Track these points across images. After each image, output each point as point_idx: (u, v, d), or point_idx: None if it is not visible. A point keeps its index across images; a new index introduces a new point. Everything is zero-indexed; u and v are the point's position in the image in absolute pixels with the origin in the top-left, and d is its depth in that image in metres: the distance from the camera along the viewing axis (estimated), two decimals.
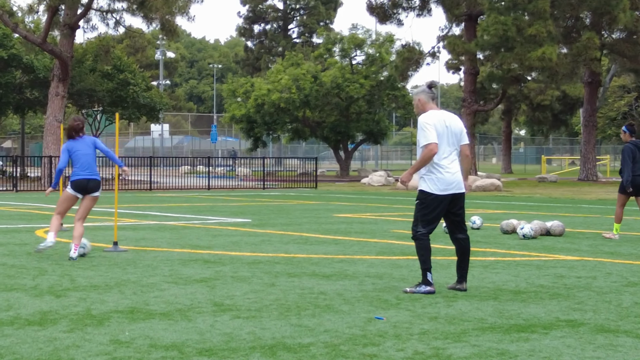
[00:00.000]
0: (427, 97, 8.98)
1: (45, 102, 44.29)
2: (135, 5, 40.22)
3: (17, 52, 45.56)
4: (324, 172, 60.94)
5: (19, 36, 41.99)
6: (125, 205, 24.84)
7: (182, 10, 39.65)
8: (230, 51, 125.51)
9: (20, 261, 11.15)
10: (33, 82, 47.71)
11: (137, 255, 11.88)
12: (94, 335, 6.64)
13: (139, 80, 49.45)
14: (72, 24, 39.87)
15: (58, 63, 39.72)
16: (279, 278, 9.79)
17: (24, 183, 39.36)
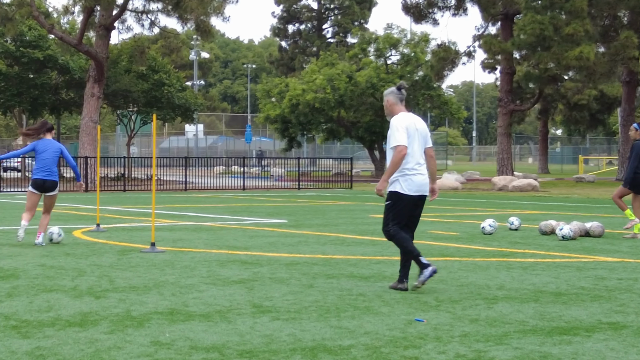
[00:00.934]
0: (396, 98, 9.14)
1: (80, 102, 44.58)
2: (171, 6, 40.39)
3: (52, 53, 45.91)
4: (359, 172, 60.86)
5: (55, 37, 42.30)
6: (161, 205, 24.92)
7: (217, 10, 39.76)
8: (264, 51, 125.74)
9: (59, 262, 11.20)
10: (69, 83, 48.05)
11: (175, 256, 11.90)
12: (134, 336, 6.64)
13: (173, 81, 49.67)
14: (108, 24, 40.10)
15: (93, 64, 39.96)
16: (317, 279, 9.75)
17: (60, 183, 39.50)
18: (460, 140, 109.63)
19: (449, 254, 12.39)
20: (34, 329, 6.87)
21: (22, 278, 9.67)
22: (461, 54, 46.44)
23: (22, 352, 6.09)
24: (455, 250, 12.94)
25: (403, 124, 8.91)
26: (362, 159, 79.02)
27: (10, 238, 14.50)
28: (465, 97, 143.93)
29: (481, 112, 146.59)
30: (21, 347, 6.21)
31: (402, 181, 8.95)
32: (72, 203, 26.74)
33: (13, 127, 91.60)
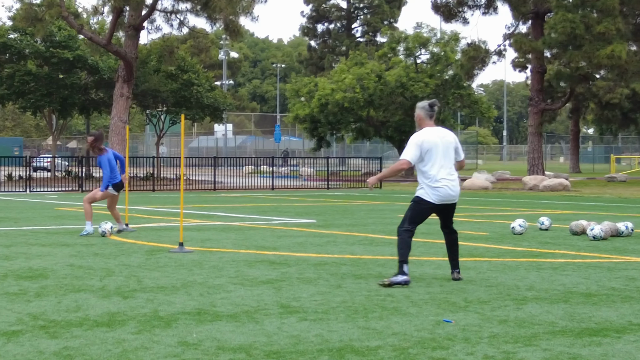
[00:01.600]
0: (426, 114, 9.73)
1: (109, 102, 44.79)
2: (199, 5, 40.48)
3: (82, 53, 46.16)
4: None
5: (84, 37, 42.51)
6: (190, 205, 24.98)
7: (245, 10, 39.80)
8: (293, 51, 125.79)
9: (88, 262, 11.23)
10: (98, 83, 48.29)
11: (203, 256, 11.90)
12: (161, 337, 6.64)
13: (202, 81, 49.78)
14: (137, 25, 40.26)
15: (123, 64, 40.13)
16: (345, 280, 9.72)
17: (90, 183, 39.82)
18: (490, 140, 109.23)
19: (478, 254, 12.32)
20: (61, 329, 6.89)
21: (51, 278, 9.70)
22: (491, 53, 46.21)
23: (50, 352, 6.11)
24: (484, 251, 12.87)
25: (419, 140, 9.47)
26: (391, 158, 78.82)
27: (39, 238, 14.57)
28: (495, 96, 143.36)
29: (512, 111, 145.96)
30: (49, 347, 6.23)
31: (429, 190, 9.52)
32: (101, 203, 26.81)
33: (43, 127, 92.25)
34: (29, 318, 7.31)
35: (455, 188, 9.55)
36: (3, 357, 5.94)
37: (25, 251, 12.42)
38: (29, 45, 46.18)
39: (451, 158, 9.59)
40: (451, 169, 9.56)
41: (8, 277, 9.71)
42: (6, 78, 47.22)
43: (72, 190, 36.68)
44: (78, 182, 37.98)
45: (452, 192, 9.50)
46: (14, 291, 8.74)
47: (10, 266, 10.71)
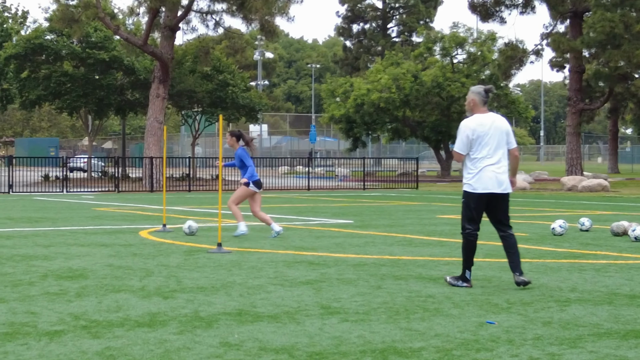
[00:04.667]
0: (480, 100, 9.34)
1: (145, 103, 44.99)
2: (235, 6, 40.52)
3: (118, 54, 46.40)
4: (424, 172, 60.56)
5: (120, 38, 42.71)
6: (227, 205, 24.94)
7: (281, 10, 39.79)
8: (328, 51, 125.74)
9: (127, 262, 11.24)
10: (134, 84, 48.52)
11: (241, 257, 11.88)
12: (203, 337, 6.61)
13: (238, 81, 49.86)
14: (173, 25, 40.37)
15: (159, 65, 40.25)
16: (385, 281, 9.66)
17: (126, 184, 40.01)
18: (527, 140, 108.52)
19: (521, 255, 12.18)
20: (103, 329, 6.88)
21: (91, 278, 9.72)
22: (529, 53, 45.86)
23: (92, 352, 6.10)
24: (525, 252, 12.72)
25: (468, 127, 9.21)
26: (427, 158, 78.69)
27: (78, 238, 14.63)
28: (532, 96, 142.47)
29: (549, 111, 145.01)
30: (92, 347, 6.22)
31: (473, 180, 9.22)
32: (137, 203, 26.98)
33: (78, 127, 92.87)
34: (70, 318, 7.31)
35: (502, 177, 9.19)
36: (46, 357, 5.94)
37: (64, 251, 12.46)
38: (65, 46, 46.49)
39: (501, 145, 9.25)
40: (501, 157, 9.22)
41: (48, 277, 9.74)
42: (43, 79, 47.58)
43: (109, 190, 36.87)
44: (114, 182, 38.17)
45: (497, 180, 9.16)
46: (54, 291, 8.75)
47: (50, 266, 10.75)
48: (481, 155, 9.16)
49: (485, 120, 9.24)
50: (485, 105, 9.36)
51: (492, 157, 9.17)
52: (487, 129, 9.19)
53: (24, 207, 24.59)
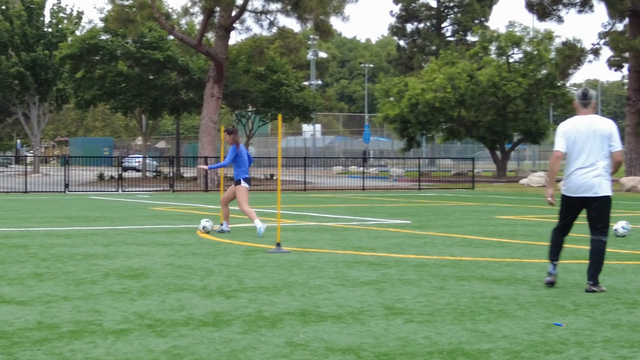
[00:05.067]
0: (579, 103, 9.33)
1: (199, 103, 45.18)
2: (290, 6, 40.50)
3: (172, 54, 46.66)
4: (480, 173, 60.12)
5: (175, 38, 42.93)
6: (282, 205, 24.99)
7: (336, 10, 39.68)
8: (381, 50, 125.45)
9: (187, 261, 11.25)
10: (188, 84, 48.78)
11: (301, 257, 11.84)
12: (268, 337, 6.58)
13: (292, 81, 49.91)
14: (227, 25, 40.48)
15: (213, 64, 40.39)
16: (447, 281, 9.55)
17: (180, 183, 40.23)
18: None
19: (581, 257, 11.99)
20: (168, 327, 6.87)
21: (152, 277, 9.73)
22: (587, 52, 45.24)
23: (159, 350, 6.09)
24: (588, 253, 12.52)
25: (562, 129, 9.21)
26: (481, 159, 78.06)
27: (136, 237, 14.70)
28: None
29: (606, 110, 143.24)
30: (158, 346, 6.22)
31: (563, 182, 9.24)
32: (193, 203, 27.09)
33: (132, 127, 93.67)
34: (135, 317, 7.32)
35: (590, 180, 8.95)
36: (114, 355, 5.94)
37: (124, 250, 12.52)
38: (120, 46, 46.88)
39: (598, 148, 8.99)
40: (596, 160, 8.97)
41: (110, 276, 9.77)
42: (98, 79, 48.04)
43: (164, 190, 37.10)
44: (169, 182, 38.40)
45: (586, 184, 8.97)
46: (117, 290, 8.78)
47: (110, 265, 10.80)
48: (572, 157, 9.09)
49: (581, 122, 9.11)
50: (587, 107, 9.23)
51: (585, 160, 9.01)
52: (581, 132, 9.05)
53: (80, 206, 24.82)
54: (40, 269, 10.31)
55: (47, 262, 11.05)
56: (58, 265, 10.75)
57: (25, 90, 60.11)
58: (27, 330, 6.74)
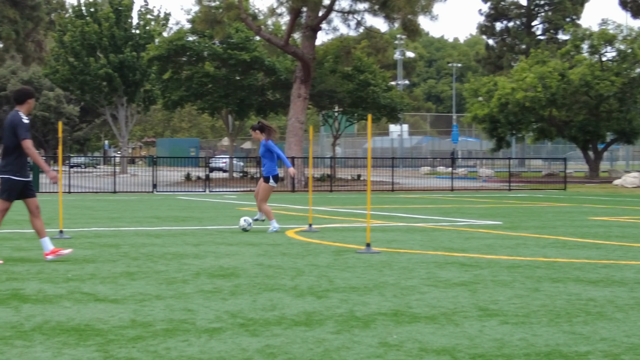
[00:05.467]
0: None
1: (286, 103, 45.36)
2: (377, 5, 40.37)
3: (259, 54, 46.91)
4: (571, 173, 59.11)
5: (262, 39, 43.15)
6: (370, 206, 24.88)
7: (425, 9, 39.42)
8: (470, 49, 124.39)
9: (276, 261, 11.25)
10: (274, 84, 49.01)
11: (391, 257, 11.74)
12: (361, 337, 6.51)
13: (379, 81, 49.75)
14: (314, 25, 40.54)
15: (300, 65, 40.48)
16: (542, 283, 9.36)
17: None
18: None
19: None
20: (260, 327, 6.85)
21: (243, 277, 9.74)
22: None
23: (252, 349, 6.07)
24: None
25: None
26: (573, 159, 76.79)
27: (225, 237, 14.78)
28: None
29: None
30: (251, 345, 6.20)
31: None
32: (280, 203, 27.18)
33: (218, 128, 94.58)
34: (227, 316, 7.32)
35: None
36: (207, 354, 5.94)
37: (213, 250, 12.58)
38: (207, 47, 47.33)
39: None
40: None
41: (201, 276, 9.81)
42: (185, 80, 48.61)
43: (250, 190, 37.29)
44: (256, 182, 38.61)
45: None
46: (209, 289, 8.81)
47: (201, 264, 10.85)
48: None
49: None
50: None
51: None
52: None
53: (169, 206, 25.10)
54: (132, 268, 10.42)
55: (139, 261, 11.17)
56: (149, 264, 10.85)
57: (113, 92, 61.24)
58: (122, 328, 6.79)
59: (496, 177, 48.77)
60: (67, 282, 9.21)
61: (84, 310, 7.54)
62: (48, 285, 8.98)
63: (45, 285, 9.02)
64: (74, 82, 60.38)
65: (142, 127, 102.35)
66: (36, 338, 6.39)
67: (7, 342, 6.26)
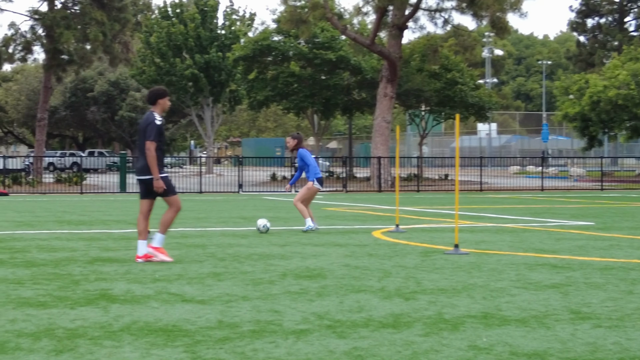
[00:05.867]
0: None
1: (372, 103, 45.25)
2: (465, 3, 40.01)
3: (345, 53, 46.88)
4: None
5: (347, 38, 43.10)
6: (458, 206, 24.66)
7: (514, 6, 38.94)
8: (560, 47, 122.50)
9: (363, 262, 11.16)
10: (360, 83, 48.93)
11: (479, 259, 11.56)
12: (450, 340, 6.39)
13: (466, 79, 49.28)
14: (401, 24, 40.36)
15: (386, 64, 40.34)
16: (636, 285, 9.10)
17: (353, 183, 40.36)
18: None
19: None
20: (348, 329, 6.78)
21: (329, 278, 9.68)
22: None
23: (340, 351, 6.00)
24: None
25: None
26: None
27: (311, 238, 14.76)
28: None
29: None
30: (339, 347, 6.13)
31: None
32: (366, 203, 27.12)
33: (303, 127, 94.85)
34: (314, 317, 7.27)
35: None
36: (295, 355, 5.90)
37: (299, 251, 12.55)
38: (293, 47, 47.48)
39: None
40: None
41: (287, 276, 9.79)
42: (270, 80, 48.85)
43: (336, 190, 37.30)
44: (342, 182, 38.59)
45: None
46: (295, 290, 8.77)
47: (287, 265, 10.83)
48: None
49: None
50: None
51: None
52: None
53: (254, 206, 25.21)
54: (219, 269, 10.44)
55: (225, 262, 11.20)
56: (236, 265, 10.86)
57: (199, 92, 61.93)
58: (209, 329, 6.79)
59: (588, 177, 47.91)
60: (154, 283, 9.28)
61: (171, 311, 7.57)
62: (136, 286, 9.05)
63: (133, 285, 9.10)
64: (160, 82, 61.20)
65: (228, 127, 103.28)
66: (125, 338, 6.43)
67: (97, 342, 6.31)
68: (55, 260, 11.26)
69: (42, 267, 10.62)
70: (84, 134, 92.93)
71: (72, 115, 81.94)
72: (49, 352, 5.97)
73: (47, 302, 8.01)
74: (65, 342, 6.27)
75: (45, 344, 6.22)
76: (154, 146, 11.02)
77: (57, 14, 45.90)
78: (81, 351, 6.02)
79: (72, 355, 5.91)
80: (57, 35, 45.45)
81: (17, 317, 7.28)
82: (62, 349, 6.06)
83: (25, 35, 47.66)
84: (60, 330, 6.72)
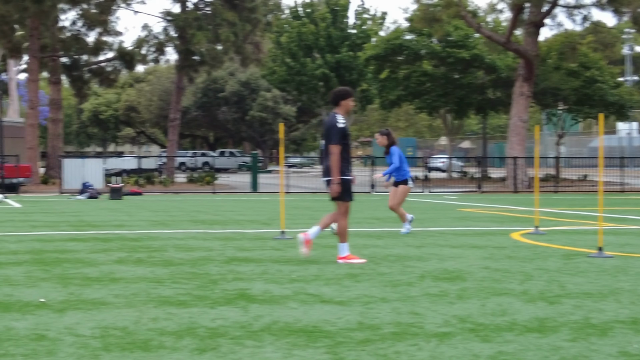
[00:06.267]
0: None
1: (507, 102, 44.56)
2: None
3: (479, 52, 46.29)
4: None
5: (482, 36, 42.55)
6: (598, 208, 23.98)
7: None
8: None
9: (503, 265, 10.93)
10: (495, 82, 48.23)
11: (625, 262, 11.17)
12: (599, 345, 6.15)
13: (606, 77, 47.98)
14: (537, 21, 39.62)
15: (522, 62, 39.65)
16: None
17: (487, 184, 39.81)
18: None
19: None
20: (491, 332, 6.61)
21: (469, 280, 9.50)
22: None
23: (484, 355, 5.85)
24: None
25: None
26: None
27: (448, 239, 14.59)
28: None
29: None
30: (483, 351, 5.98)
31: None
32: (502, 204, 26.70)
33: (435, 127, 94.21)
34: (455, 320, 7.12)
35: None
36: (438, 359, 5.78)
37: (436, 252, 12.39)
38: (425, 45, 47.15)
39: None
40: None
41: (426, 278, 9.65)
42: (402, 79, 48.63)
43: (471, 191, 36.86)
44: (476, 183, 38.12)
45: None
46: (434, 292, 8.63)
47: (425, 267, 10.69)
48: None
49: None
50: None
51: None
52: None
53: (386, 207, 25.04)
54: (355, 270, 10.38)
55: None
56: (372, 266, 10.78)
57: (329, 92, 62.16)
58: (349, 330, 6.72)
59: None
60: (291, 283, 9.28)
61: (310, 312, 7.54)
62: (273, 286, 9.07)
63: (270, 285, 9.12)
64: (291, 82, 61.76)
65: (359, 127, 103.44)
66: (266, 338, 6.42)
67: (238, 341, 6.32)
68: (193, 260, 11.41)
69: (180, 266, 10.77)
70: (214, 134, 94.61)
71: (203, 116, 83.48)
72: (192, 351, 6.01)
73: (187, 301, 8.09)
74: (208, 341, 6.31)
75: (188, 343, 6.27)
76: (338, 150, 11.09)
77: (189, 15, 46.87)
78: (223, 350, 6.03)
79: (215, 354, 5.93)
80: (189, 36, 46.42)
81: (159, 315, 7.37)
82: (205, 348, 6.09)
83: (158, 37, 48.90)
84: (202, 329, 6.77)
